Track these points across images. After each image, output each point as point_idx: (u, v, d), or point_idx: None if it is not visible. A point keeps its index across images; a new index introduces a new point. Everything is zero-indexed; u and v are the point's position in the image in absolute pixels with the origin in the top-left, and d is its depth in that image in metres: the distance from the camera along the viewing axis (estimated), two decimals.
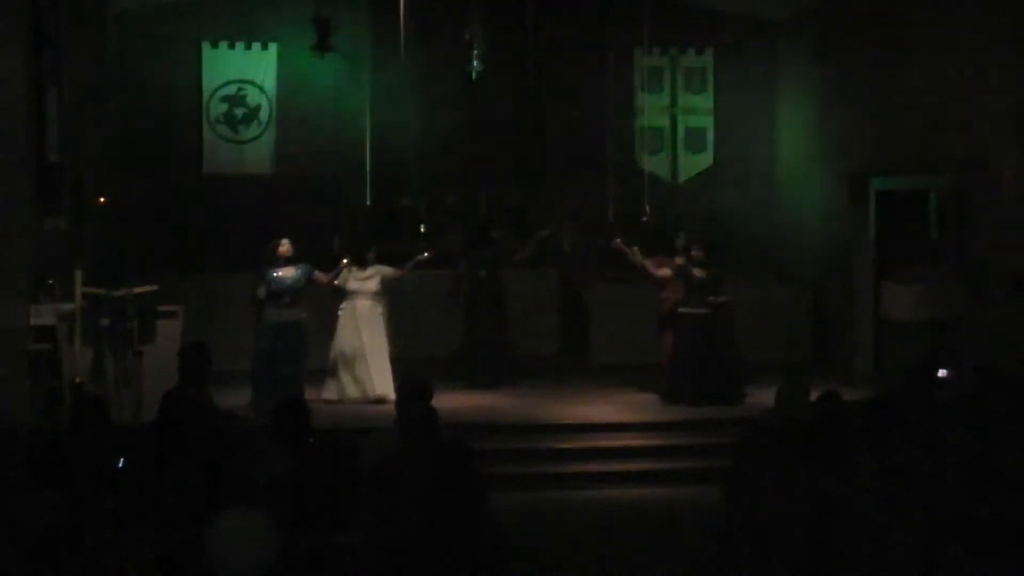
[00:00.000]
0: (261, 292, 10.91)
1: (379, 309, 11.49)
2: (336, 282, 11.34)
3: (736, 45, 15.75)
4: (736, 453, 6.25)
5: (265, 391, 10.51)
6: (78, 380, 9.66)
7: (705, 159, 15.89)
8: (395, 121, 15.32)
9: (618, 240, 11.97)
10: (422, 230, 14.83)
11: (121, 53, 14.64)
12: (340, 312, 11.41)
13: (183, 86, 14.93)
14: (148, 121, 14.70)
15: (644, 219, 14.92)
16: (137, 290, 10.04)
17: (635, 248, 11.86)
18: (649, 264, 11.80)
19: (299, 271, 10.95)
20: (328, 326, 11.51)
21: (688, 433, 10.51)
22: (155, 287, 10.29)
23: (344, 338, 11.35)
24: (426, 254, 11.83)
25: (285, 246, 10.95)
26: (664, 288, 11.84)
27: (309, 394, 10.25)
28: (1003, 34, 10.99)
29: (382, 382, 11.21)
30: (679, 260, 11.72)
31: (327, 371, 11.42)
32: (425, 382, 7.18)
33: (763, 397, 10.86)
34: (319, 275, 11.17)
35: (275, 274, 10.87)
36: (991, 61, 11.12)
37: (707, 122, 15.85)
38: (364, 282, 11.43)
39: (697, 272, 11.47)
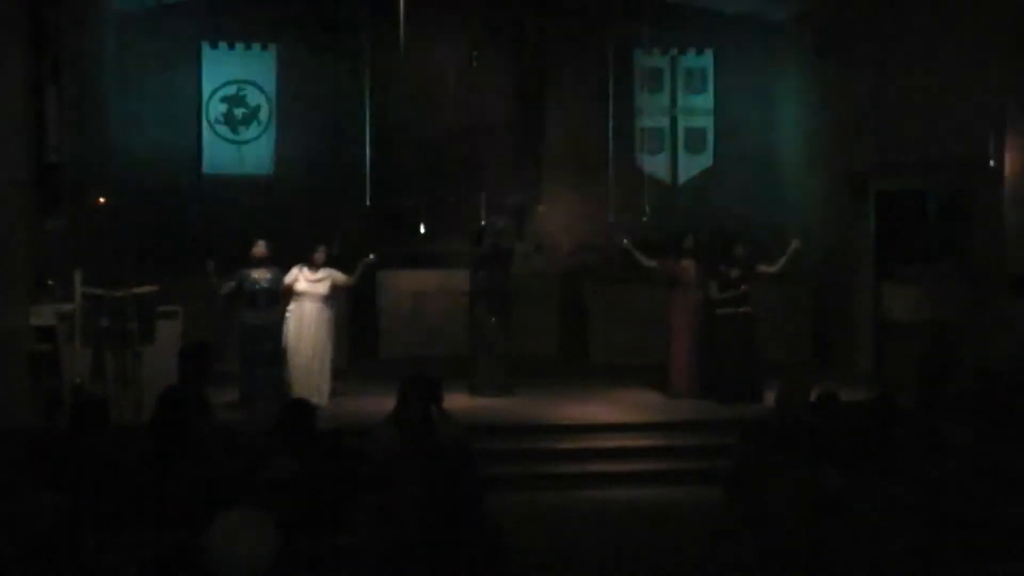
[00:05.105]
0: (227, 288, 10.64)
1: (327, 314, 11.05)
2: (286, 282, 10.91)
3: (736, 45, 15.77)
4: (736, 453, 6.26)
5: (255, 393, 10.49)
6: (78, 380, 9.66)
7: (705, 159, 15.89)
8: (395, 121, 15.34)
9: (626, 241, 11.93)
10: (422, 230, 14.85)
11: (121, 53, 14.64)
12: (287, 314, 10.94)
13: (183, 86, 14.94)
14: (148, 121, 14.70)
15: (644, 219, 14.99)
16: (137, 290, 10.04)
17: (626, 242, 11.88)
18: (643, 259, 11.79)
19: (273, 274, 10.79)
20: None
21: (688, 433, 10.50)
22: (155, 287, 10.28)
23: (291, 341, 10.89)
24: (372, 256, 11.36)
25: (260, 248, 10.74)
26: (674, 287, 11.74)
27: None
28: (1002, 34, 11.00)
29: (318, 390, 10.79)
30: (686, 263, 11.73)
31: None
32: (425, 382, 7.15)
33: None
34: (287, 281, 10.89)
35: (251, 276, 10.73)
36: (990, 61, 11.13)
37: (707, 122, 15.87)
38: (314, 284, 10.98)
39: (733, 272, 11.51)
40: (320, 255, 11.00)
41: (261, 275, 10.71)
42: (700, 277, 11.68)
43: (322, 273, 11.06)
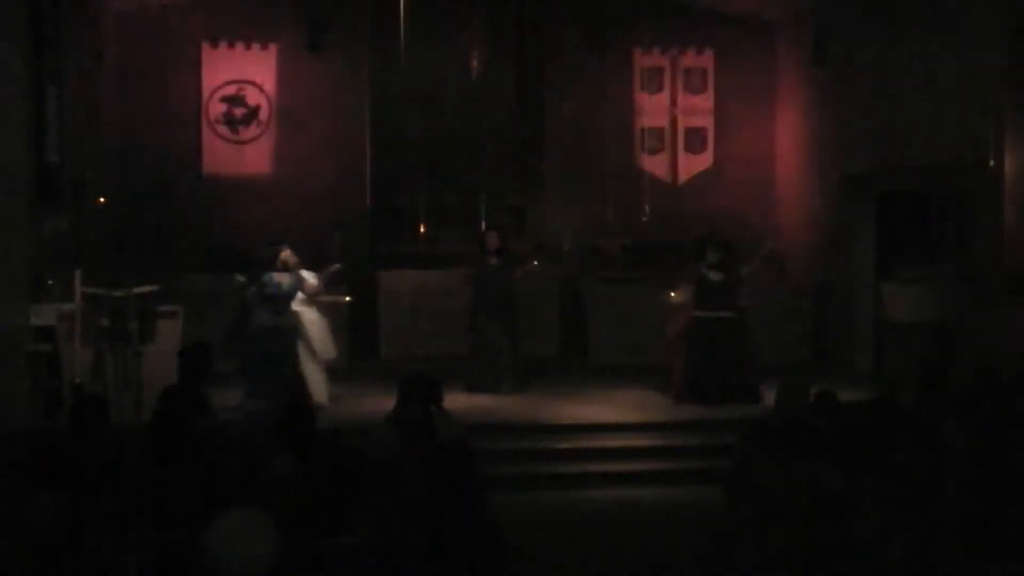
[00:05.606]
0: (251, 294, 10.83)
1: (313, 315, 11.15)
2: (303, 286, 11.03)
3: (736, 45, 15.76)
4: (736, 453, 6.26)
5: (259, 393, 10.49)
6: (78, 380, 9.67)
7: (705, 159, 15.89)
8: (395, 121, 15.33)
9: (672, 294, 11.85)
10: (422, 230, 14.84)
11: (121, 53, 14.64)
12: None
13: (183, 86, 14.93)
14: (148, 121, 14.70)
15: (644, 219, 15.01)
16: (137, 290, 10.03)
17: (672, 294, 11.79)
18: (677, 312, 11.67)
19: (292, 279, 10.91)
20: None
21: (688, 433, 10.50)
22: (155, 287, 10.28)
23: None
24: (338, 265, 11.37)
25: (287, 254, 10.86)
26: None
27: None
28: (1001, 34, 10.99)
29: (317, 391, 10.90)
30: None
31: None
32: (425, 382, 7.15)
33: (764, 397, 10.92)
34: (306, 285, 10.98)
35: (273, 280, 10.83)
36: (990, 61, 11.12)
37: (707, 122, 15.87)
38: None
39: (713, 276, 11.47)
40: (289, 258, 10.94)
41: (281, 279, 10.81)
42: None
43: (304, 276, 11.15)
